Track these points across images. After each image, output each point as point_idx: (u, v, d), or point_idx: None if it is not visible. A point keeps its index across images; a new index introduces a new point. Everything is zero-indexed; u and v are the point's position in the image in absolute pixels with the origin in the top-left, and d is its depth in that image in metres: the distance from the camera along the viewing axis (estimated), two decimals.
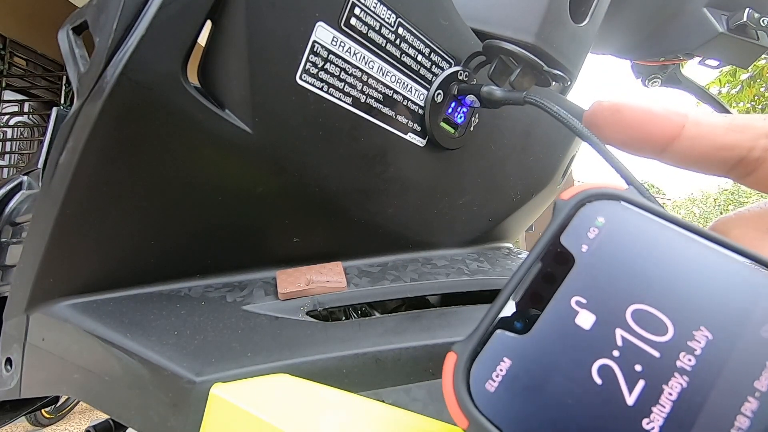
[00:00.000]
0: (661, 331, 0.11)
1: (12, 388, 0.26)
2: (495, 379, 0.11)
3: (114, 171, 0.21)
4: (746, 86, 4.72)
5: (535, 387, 0.11)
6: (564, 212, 0.13)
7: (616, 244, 0.12)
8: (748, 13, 0.42)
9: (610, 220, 0.12)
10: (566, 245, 0.12)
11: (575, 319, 0.11)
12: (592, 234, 0.12)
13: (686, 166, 0.15)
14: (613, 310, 0.11)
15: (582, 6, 0.28)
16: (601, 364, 0.11)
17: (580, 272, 0.12)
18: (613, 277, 0.12)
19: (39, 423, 2.09)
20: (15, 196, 0.39)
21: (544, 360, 0.11)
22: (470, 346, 0.12)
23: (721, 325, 0.11)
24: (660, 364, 0.11)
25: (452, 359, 0.12)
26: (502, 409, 0.11)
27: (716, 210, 17.48)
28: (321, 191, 0.25)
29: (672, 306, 0.11)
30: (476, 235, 0.35)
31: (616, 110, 0.16)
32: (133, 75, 0.18)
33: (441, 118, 0.27)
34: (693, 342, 0.11)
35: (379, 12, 0.23)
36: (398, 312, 0.29)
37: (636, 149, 0.16)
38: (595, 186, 0.13)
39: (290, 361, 0.20)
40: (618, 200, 0.13)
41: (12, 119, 3.22)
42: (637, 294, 0.11)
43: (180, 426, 0.19)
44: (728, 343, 0.11)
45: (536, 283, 0.13)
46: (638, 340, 0.11)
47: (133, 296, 0.24)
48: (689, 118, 0.15)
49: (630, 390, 0.10)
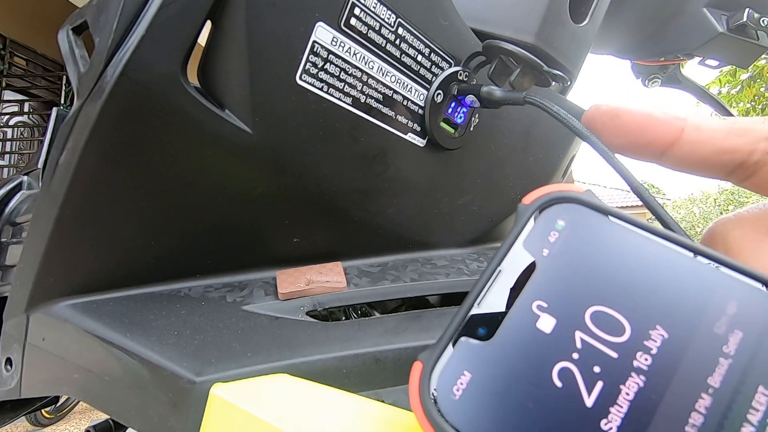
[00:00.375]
0: (619, 332, 0.11)
1: (12, 388, 0.26)
2: (460, 387, 0.11)
3: (114, 171, 0.21)
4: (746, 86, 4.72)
5: (498, 393, 0.11)
6: (525, 216, 0.13)
7: (575, 247, 0.12)
8: (748, 13, 0.42)
9: (569, 224, 0.13)
10: (527, 250, 0.13)
11: (536, 323, 0.12)
12: (552, 238, 0.13)
13: (686, 169, 0.15)
14: (572, 313, 0.12)
15: (582, 6, 0.28)
16: (561, 367, 0.11)
17: (541, 276, 0.12)
18: (573, 280, 0.12)
19: (39, 423, 2.09)
20: (15, 196, 0.39)
21: (506, 365, 0.11)
22: (435, 354, 0.12)
23: (676, 323, 0.11)
24: (617, 364, 0.11)
25: (418, 368, 0.12)
26: (467, 416, 0.11)
27: (716, 210, 17.48)
28: (321, 191, 0.25)
29: (629, 306, 0.11)
30: (476, 235, 0.35)
31: (615, 115, 0.16)
32: (133, 75, 0.18)
33: (441, 118, 0.27)
34: (649, 341, 0.11)
35: (379, 12, 0.23)
36: (398, 312, 0.29)
37: (635, 153, 0.16)
38: (555, 189, 0.13)
39: (290, 361, 0.20)
40: (577, 203, 0.13)
41: (12, 119, 3.22)
42: (595, 296, 0.12)
43: (180, 426, 0.19)
44: (683, 341, 0.11)
45: (499, 289, 0.13)
46: (597, 342, 0.11)
47: (133, 296, 0.24)
48: (689, 122, 0.15)
49: (589, 392, 0.11)
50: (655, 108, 0.15)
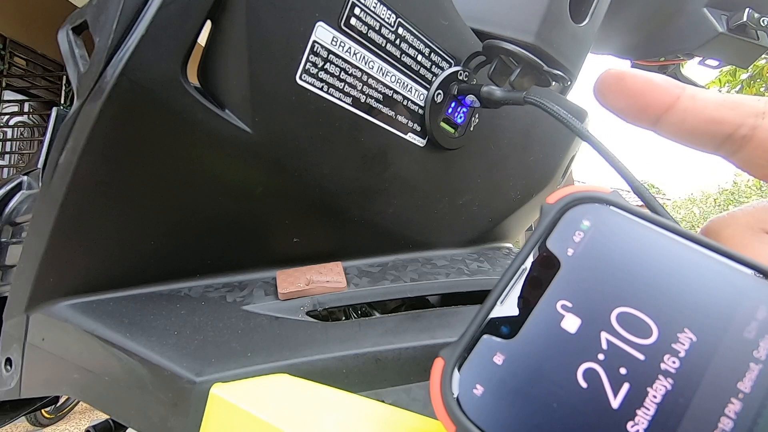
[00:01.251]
0: (646, 334, 0.11)
1: (12, 388, 0.26)
2: (482, 385, 0.11)
3: (114, 171, 0.21)
4: (746, 86, 4.72)
5: (521, 391, 0.11)
6: (550, 216, 0.13)
7: (601, 248, 0.12)
8: (748, 13, 0.42)
9: (595, 224, 0.13)
10: (552, 249, 0.12)
11: (561, 323, 0.12)
12: (577, 238, 0.12)
13: (678, 138, 0.16)
14: (598, 314, 0.11)
15: (582, 6, 0.28)
16: (586, 368, 0.11)
17: (566, 276, 0.12)
18: (599, 280, 0.12)
19: (39, 423, 2.09)
20: (15, 196, 0.39)
21: (530, 364, 0.11)
22: (457, 351, 0.12)
23: (705, 326, 0.11)
24: (644, 366, 0.11)
25: (440, 365, 0.12)
26: (488, 414, 0.11)
27: (716, 210, 17.47)
28: (321, 191, 0.25)
29: (656, 308, 0.11)
30: (476, 235, 0.35)
31: (620, 78, 0.16)
32: (132, 75, 0.18)
33: (441, 118, 0.27)
34: (677, 344, 0.11)
35: (379, 12, 0.23)
36: (398, 312, 0.29)
37: (634, 117, 0.16)
38: (581, 189, 0.13)
39: (290, 361, 0.20)
40: (603, 203, 0.13)
41: (12, 119, 3.22)
42: (621, 297, 0.11)
43: (180, 426, 0.19)
44: (712, 345, 0.11)
45: (523, 288, 0.13)
46: (623, 343, 0.11)
47: (133, 296, 0.24)
48: (686, 90, 0.15)
49: (615, 393, 0.11)
50: (658, 76, 0.16)
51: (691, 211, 19.09)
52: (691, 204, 19.77)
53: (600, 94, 0.17)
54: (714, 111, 0.15)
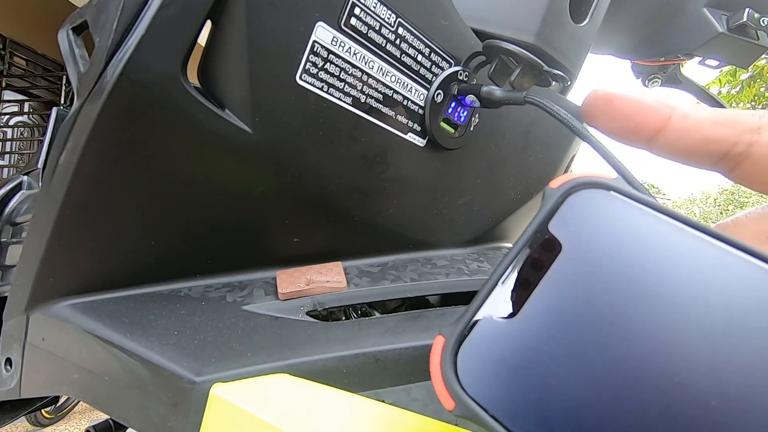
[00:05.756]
0: (648, 318, 0.11)
1: (12, 388, 0.26)
2: (482, 362, 0.12)
3: (114, 171, 0.21)
4: (746, 86, 4.72)
5: (520, 369, 0.11)
6: (552, 200, 0.13)
7: (603, 232, 0.12)
8: (748, 13, 0.42)
9: (597, 209, 0.13)
10: (554, 232, 0.13)
11: (560, 304, 0.12)
12: (579, 222, 0.13)
13: (674, 157, 0.16)
14: (597, 297, 0.12)
15: (582, 6, 0.28)
16: (585, 348, 0.11)
17: (567, 259, 0.12)
18: (600, 263, 0.12)
19: (39, 423, 2.09)
20: (15, 196, 0.39)
21: (529, 344, 0.11)
22: (458, 329, 0.12)
23: (708, 311, 0.11)
24: (644, 350, 0.11)
25: (440, 342, 0.12)
26: (488, 391, 0.11)
27: (716, 210, 17.48)
28: (321, 191, 0.25)
29: (657, 293, 0.11)
30: (476, 235, 0.35)
31: (608, 100, 0.16)
32: (133, 75, 0.18)
33: (441, 118, 0.27)
34: (680, 330, 0.11)
35: (379, 12, 0.23)
36: (398, 312, 0.29)
37: (625, 139, 0.16)
38: (584, 175, 0.13)
39: (290, 361, 0.20)
40: (606, 189, 0.13)
41: (12, 119, 3.22)
42: (622, 281, 0.12)
43: (180, 426, 0.19)
44: (713, 328, 0.11)
45: (524, 269, 0.13)
46: (624, 327, 0.11)
47: (133, 296, 0.24)
48: (677, 110, 0.15)
49: (614, 371, 0.11)
50: (647, 95, 0.15)
51: (691, 211, 19.09)
52: (691, 204, 19.77)
53: (589, 117, 0.17)
54: (709, 130, 0.15)
